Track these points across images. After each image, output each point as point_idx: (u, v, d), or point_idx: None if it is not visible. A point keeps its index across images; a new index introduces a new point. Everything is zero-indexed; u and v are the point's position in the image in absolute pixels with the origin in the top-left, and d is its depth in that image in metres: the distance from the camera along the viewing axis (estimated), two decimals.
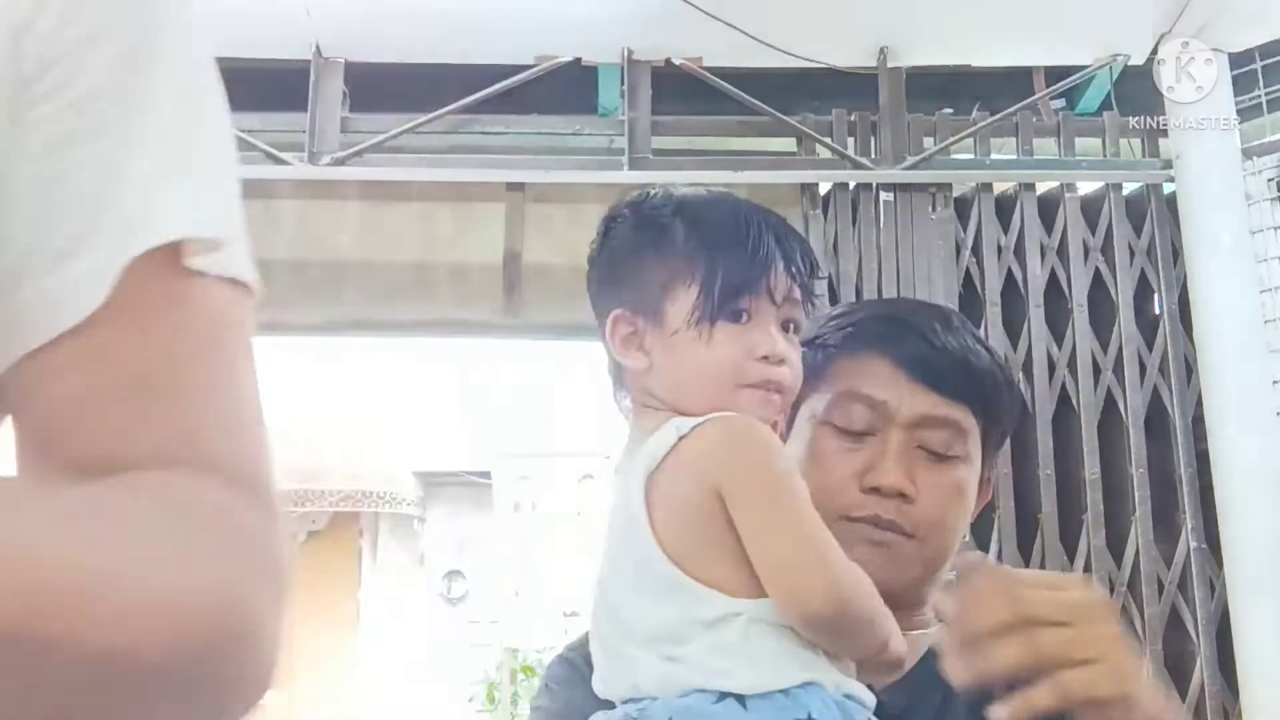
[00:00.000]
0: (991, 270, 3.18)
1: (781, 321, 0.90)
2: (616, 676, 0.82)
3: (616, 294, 0.93)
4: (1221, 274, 3.00)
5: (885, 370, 1.00)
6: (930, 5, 3.09)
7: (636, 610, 0.82)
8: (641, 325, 0.90)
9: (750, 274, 0.88)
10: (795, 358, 0.89)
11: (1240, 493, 2.89)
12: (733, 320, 0.87)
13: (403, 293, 3.30)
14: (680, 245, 0.90)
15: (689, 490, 0.81)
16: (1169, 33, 3.07)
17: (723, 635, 0.77)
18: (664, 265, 0.90)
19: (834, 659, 0.79)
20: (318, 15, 3.06)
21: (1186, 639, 3.00)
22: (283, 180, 3.28)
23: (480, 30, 3.10)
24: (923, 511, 0.97)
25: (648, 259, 0.91)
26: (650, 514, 0.82)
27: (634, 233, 0.94)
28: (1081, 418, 3.09)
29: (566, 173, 3.21)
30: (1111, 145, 3.28)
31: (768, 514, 0.79)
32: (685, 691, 0.76)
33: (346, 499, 9.09)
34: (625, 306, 0.91)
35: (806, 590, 0.76)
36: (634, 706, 0.79)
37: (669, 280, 0.89)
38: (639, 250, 0.92)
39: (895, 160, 3.19)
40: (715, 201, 0.95)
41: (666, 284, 0.89)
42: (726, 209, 0.93)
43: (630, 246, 0.94)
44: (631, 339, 0.91)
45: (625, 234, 0.95)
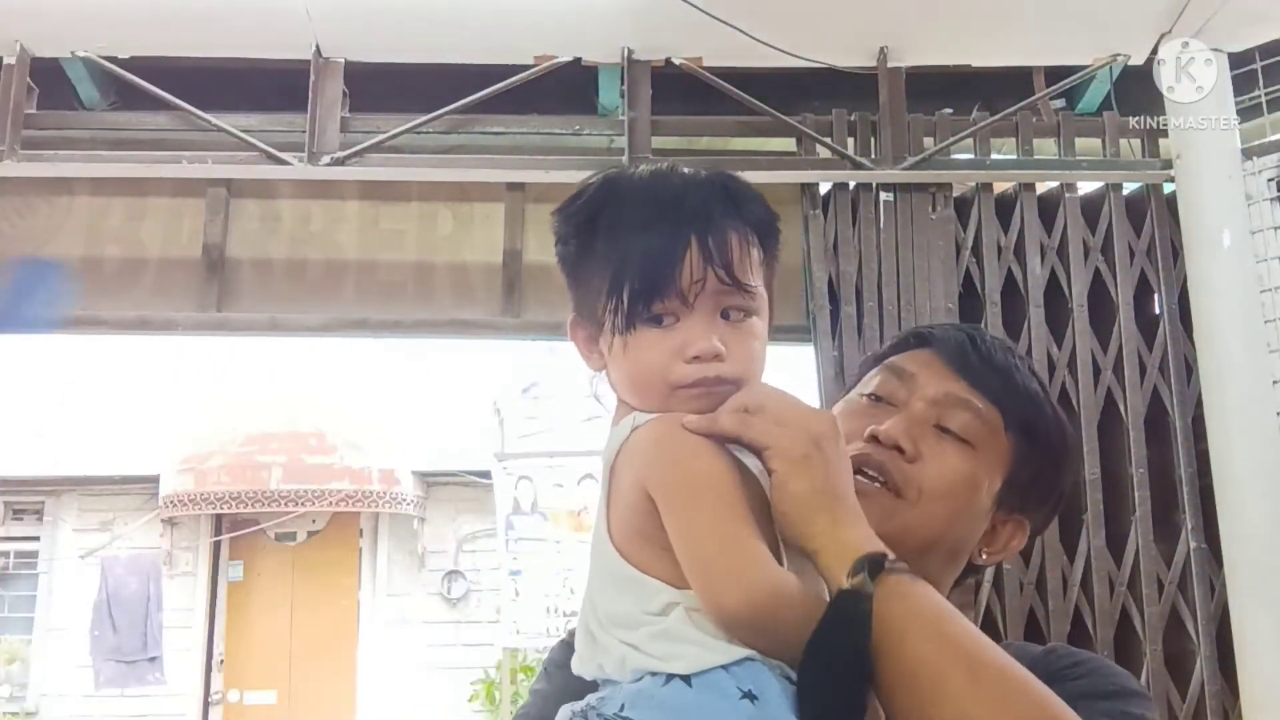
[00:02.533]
0: (991, 270, 3.18)
1: (720, 310, 0.84)
2: (589, 657, 0.85)
3: (571, 295, 0.90)
4: (1221, 274, 3.00)
5: (925, 357, 1.03)
6: (930, 5, 3.09)
7: (601, 595, 0.85)
8: (588, 329, 0.88)
9: (659, 274, 0.81)
10: (739, 345, 0.84)
11: (1240, 493, 2.89)
12: (654, 325, 0.83)
13: (403, 293, 3.30)
14: (599, 247, 0.85)
15: (630, 487, 0.82)
16: (1169, 33, 3.07)
17: (666, 622, 0.79)
18: (591, 269, 0.86)
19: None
20: (318, 15, 3.06)
21: (1186, 639, 3.00)
22: (283, 180, 3.28)
23: (480, 30, 3.10)
24: (919, 474, 0.95)
25: (581, 261, 0.88)
26: (609, 505, 0.84)
27: (573, 231, 0.89)
28: (1081, 418, 3.09)
29: (566, 173, 3.21)
30: (1111, 145, 3.28)
31: (686, 515, 0.79)
32: (639, 674, 0.79)
33: (346, 499, 9.09)
34: (575, 310, 0.90)
35: (720, 591, 0.76)
36: (595, 696, 0.82)
37: (596, 285, 0.85)
38: (576, 252, 0.88)
39: (895, 160, 3.19)
40: (638, 186, 0.87)
41: (595, 289, 0.85)
42: (644, 195, 0.86)
43: (569, 248, 0.89)
44: (585, 341, 0.90)
45: (566, 231, 0.89)
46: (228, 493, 8.94)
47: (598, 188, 0.88)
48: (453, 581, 9.52)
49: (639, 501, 0.81)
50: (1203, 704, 2.93)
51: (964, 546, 1.00)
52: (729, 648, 0.77)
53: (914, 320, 3.10)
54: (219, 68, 3.24)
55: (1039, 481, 1.02)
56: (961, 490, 0.97)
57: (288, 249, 3.33)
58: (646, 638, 0.80)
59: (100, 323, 3.33)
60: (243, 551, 9.72)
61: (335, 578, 9.70)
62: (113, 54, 3.16)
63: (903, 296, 3.12)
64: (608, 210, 0.86)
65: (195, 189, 3.30)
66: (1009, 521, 1.02)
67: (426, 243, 3.34)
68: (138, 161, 3.22)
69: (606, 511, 0.85)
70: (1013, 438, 1.00)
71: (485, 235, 3.32)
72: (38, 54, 3.20)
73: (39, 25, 3.11)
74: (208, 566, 9.59)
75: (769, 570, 0.77)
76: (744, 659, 0.77)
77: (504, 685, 7.90)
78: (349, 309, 3.29)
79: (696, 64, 3.19)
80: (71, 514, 9.56)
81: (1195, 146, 3.06)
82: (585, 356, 0.90)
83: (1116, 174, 3.25)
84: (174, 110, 3.20)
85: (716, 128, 3.39)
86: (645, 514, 0.81)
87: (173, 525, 9.49)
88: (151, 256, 3.30)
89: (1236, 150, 3.04)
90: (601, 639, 0.83)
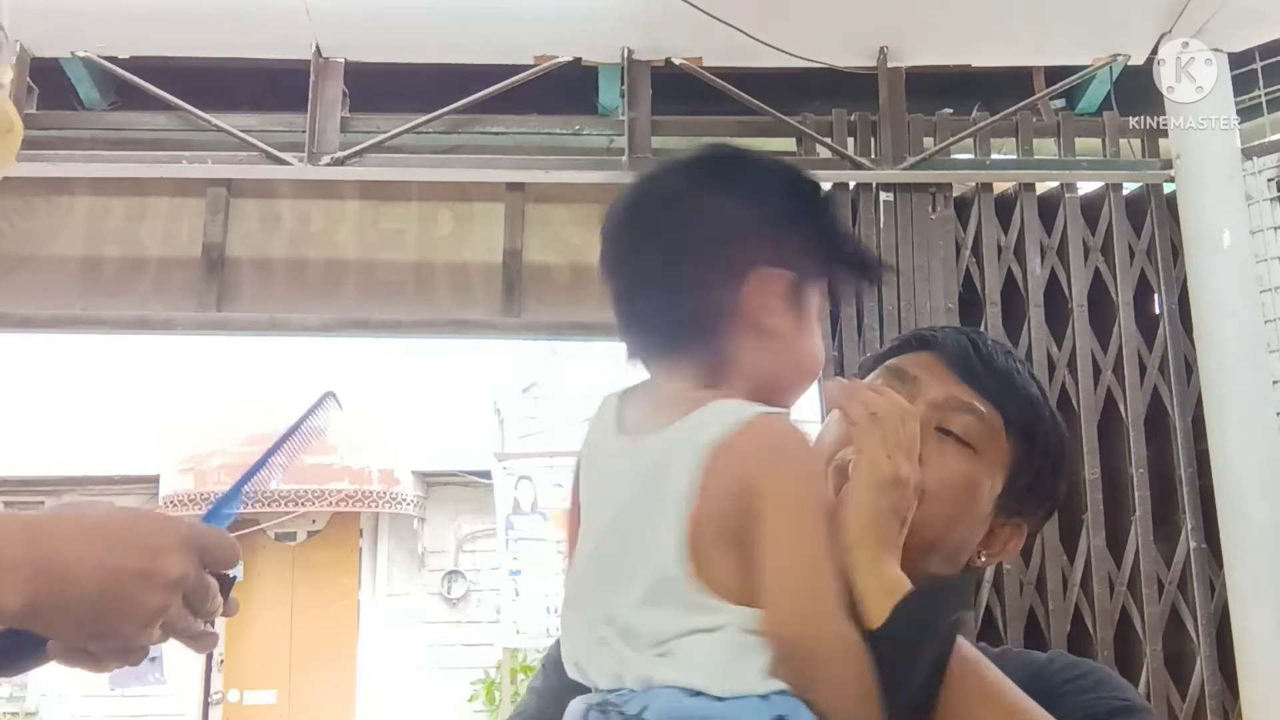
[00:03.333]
0: (991, 270, 3.18)
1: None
2: (600, 665, 0.80)
3: (758, 249, 0.83)
4: (1221, 274, 3.00)
5: (927, 359, 1.03)
6: (930, 5, 3.09)
7: (627, 599, 0.79)
8: (790, 295, 0.84)
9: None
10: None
11: (1240, 493, 2.89)
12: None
13: (403, 292, 3.30)
14: (827, 229, 0.88)
15: (731, 481, 0.76)
16: (1169, 33, 3.07)
17: (710, 638, 0.76)
18: (814, 238, 0.86)
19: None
20: (318, 15, 3.06)
21: (1186, 639, 3.00)
22: (283, 180, 3.29)
23: (480, 30, 3.10)
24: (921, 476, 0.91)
25: (796, 223, 0.86)
26: (693, 496, 0.76)
27: (774, 188, 0.87)
28: (1081, 418, 3.09)
29: (566, 173, 3.21)
30: (1111, 145, 3.28)
31: (796, 536, 0.75)
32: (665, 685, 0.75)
33: (346, 499, 9.09)
34: (788, 267, 0.83)
35: (793, 622, 0.74)
36: (613, 693, 0.77)
37: (818, 258, 0.86)
38: (789, 212, 0.86)
39: (895, 160, 3.19)
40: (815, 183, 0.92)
41: (815, 260, 0.86)
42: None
43: (775, 203, 0.86)
44: (783, 297, 0.83)
45: (758, 186, 0.86)
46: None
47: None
48: (453, 581, 9.52)
49: (733, 500, 0.76)
50: (1203, 704, 2.93)
51: (964, 548, 1.00)
52: (769, 679, 0.75)
53: (914, 320, 3.10)
54: (219, 68, 3.24)
55: (1037, 485, 1.02)
56: (963, 493, 0.96)
57: (288, 249, 3.33)
58: (682, 650, 0.76)
59: (100, 323, 3.33)
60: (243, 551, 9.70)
61: (335, 578, 9.70)
62: (113, 54, 3.16)
63: (903, 296, 3.12)
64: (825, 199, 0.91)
65: (195, 189, 3.31)
66: (1007, 525, 1.02)
67: (426, 243, 3.34)
68: (138, 161, 3.22)
69: (684, 504, 0.77)
70: (1013, 441, 1.00)
71: (485, 235, 3.32)
72: (38, 54, 3.20)
73: (39, 25, 3.11)
74: None
75: (845, 623, 0.76)
76: (782, 690, 0.74)
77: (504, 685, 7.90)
78: (349, 309, 3.29)
79: (696, 64, 3.19)
80: None
81: (1195, 146, 3.06)
82: (761, 318, 0.82)
83: (1116, 174, 3.25)
84: (174, 110, 3.20)
85: (716, 128, 3.38)
86: (734, 515, 0.76)
87: None
88: (151, 256, 3.30)
89: (1236, 150, 3.03)
90: (617, 647, 0.79)
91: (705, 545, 0.76)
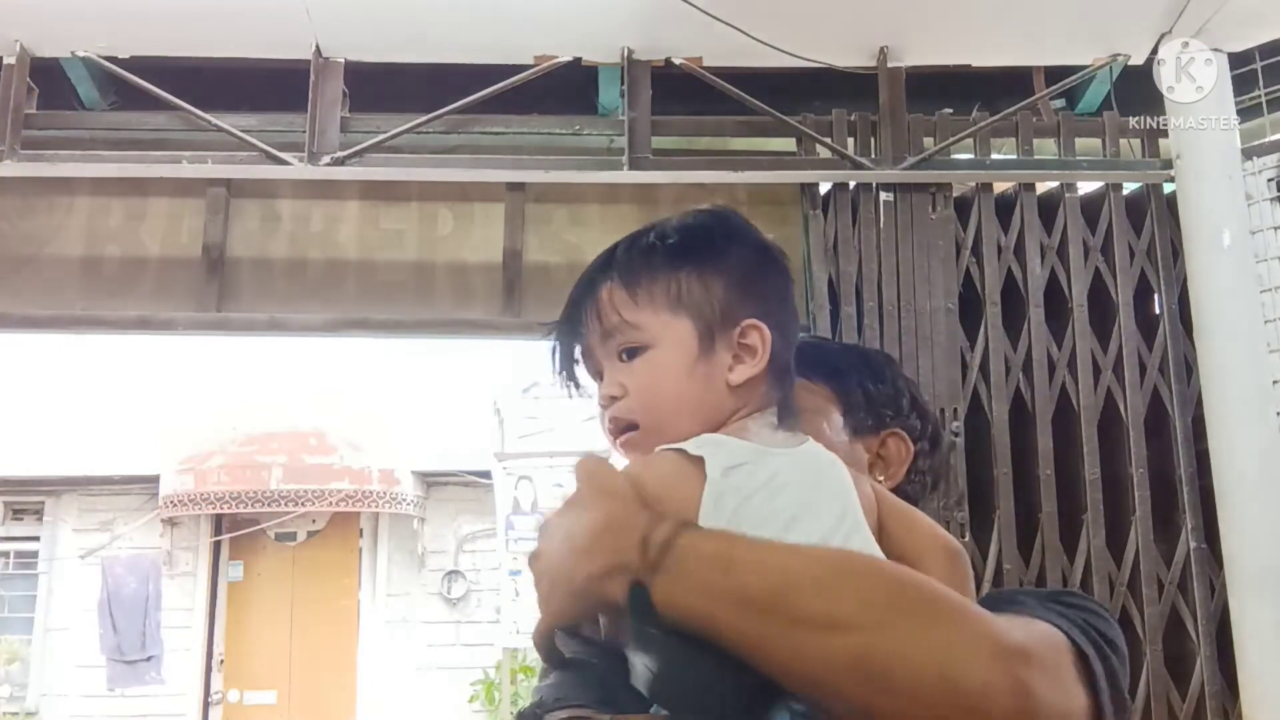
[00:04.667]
0: (991, 270, 3.18)
1: (617, 353, 0.90)
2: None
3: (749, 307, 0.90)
4: (1221, 274, 3.00)
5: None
6: (930, 5, 3.09)
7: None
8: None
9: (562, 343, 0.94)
10: (632, 381, 0.89)
11: (1240, 493, 2.89)
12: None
13: (403, 293, 3.30)
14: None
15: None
16: (1169, 33, 3.07)
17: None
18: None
19: None
20: (318, 15, 3.06)
21: (1186, 639, 3.00)
22: (283, 180, 3.28)
23: (480, 30, 3.10)
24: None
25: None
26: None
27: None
28: (1081, 418, 3.09)
29: (566, 173, 3.21)
30: (1111, 145, 3.28)
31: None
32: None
33: (346, 499, 9.09)
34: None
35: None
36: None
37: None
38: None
39: (895, 160, 3.19)
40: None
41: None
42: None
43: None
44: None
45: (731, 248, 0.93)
46: (228, 493, 8.94)
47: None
48: (453, 581, 9.52)
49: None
50: (1203, 704, 2.93)
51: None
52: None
53: (914, 320, 3.10)
54: (219, 68, 3.24)
55: (870, 394, 1.16)
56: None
57: (288, 249, 3.33)
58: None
59: (100, 323, 3.33)
60: (243, 551, 9.72)
61: (335, 578, 9.71)
62: (113, 54, 3.16)
63: (903, 296, 3.12)
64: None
65: (195, 189, 3.30)
66: (886, 440, 1.15)
67: (426, 243, 3.34)
68: (138, 161, 3.21)
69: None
70: (824, 381, 1.14)
71: (485, 235, 3.32)
72: (38, 54, 3.20)
73: (39, 25, 3.12)
74: (208, 566, 9.59)
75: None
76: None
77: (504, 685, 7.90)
78: (349, 309, 3.29)
79: (696, 64, 3.19)
80: (71, 514, 9.56)
81: (1195, 146, 3.06)
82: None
83: (1116, 174, 3.25)
84: (174, 110, 3.20)
85: (716, 128, 3.39)
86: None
87: (173, 525, 9.49)
88: (151, 256, 3.30)
89: (1236, 150, 3.04)
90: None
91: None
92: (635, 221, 1.03)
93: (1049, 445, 3.07)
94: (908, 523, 0.92)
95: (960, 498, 2.97)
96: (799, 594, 0.72)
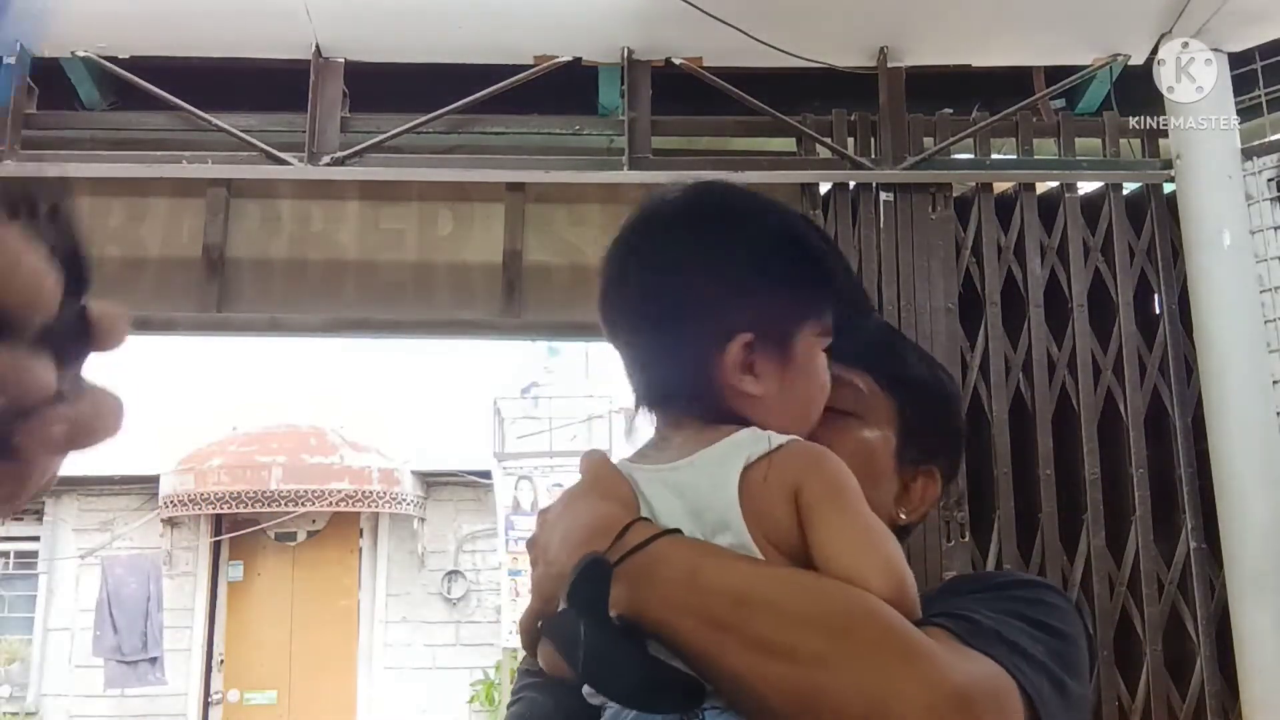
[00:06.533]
0: (991, 270, 3.18)
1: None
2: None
3: (738, 314, 0.85)
4: (1221, 274, 3.00)
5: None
6: (930, 5, 3.09)
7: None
8: (761, 352, 0.85)
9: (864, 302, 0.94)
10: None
11: (1240, 493, 2.89)
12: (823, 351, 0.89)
13: (403, 293, 3.30)
14: (811, 267, 0.88)
15: (776, 492, 0.80)
16: (1169, 33, 3.07)
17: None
18: (794, 288, 0.87)
19: None
20: (318, 15, 3.06)
21: (1186, 639, 3.00)
22: (283, 180, 3.29)
23: (480, 30, 3.10)
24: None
25: (774, 277, 0.86)
26: (742, 507, 0.80)
27: (758, 245, 0.86)
28: (1081, 418, 3.09)
29: (566, 173, 3.21)
30: (1111, 145, 3.28)
31: (863, 515, 0.80)
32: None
33: (346, 499, 9.10)
34: (752, 330, 0.84)
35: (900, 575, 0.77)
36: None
37: (802, 306, 0.87)
38: (764, 268, 0.86)
39: (895, 160, 3.19)
40: (791, 212, 0.93)
41: (799, 310, 0.86)
42: (803, 220, 0.93)
43: (750, 261, 0.86)
44: (750, 364, 0.85)
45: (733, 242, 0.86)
46: (228, 493, 8.94)
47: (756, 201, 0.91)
48: (453, 581, 9.52)
49: (782, 508, 0.79)
50: (1203, 704, 2.93)
51: (880, 511, 1.00)
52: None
53: (914, 320, 3.10)
54: (219, 68, 3.24)
55: (929, 425, 1.05)
56: (863, 462, 0.96)
57: (288, 249, 3.33)
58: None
59: None
60: (243, 551, 9.72)
61: (335, 578, 9.71)
62: (113, 54, 3.16)
63: (903, 296, 3.12)
64: (800, 230, 0.90)
65: (195, 189, 3.30)
66: (918, 475, 1.05)
67: (426, 243, 3.34)
68: (138, 161, 3.21)
69: (740, 513, 0.81)
70: (891, 394, 1.03)
71: (485, 235, 3.32)
72: (38, 54, 3.20)
73: (39, 25, 3.12)
74: (208, 566, 9.60)
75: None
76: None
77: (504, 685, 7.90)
78: (349, 309, 3.29)
79: (696, 64, 3.19)
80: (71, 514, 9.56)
81: (1195, 146, 3.06)
82: (747, 382, 0.84)
83: (1116, 174, 3.25)
84: (174, 110, 3.20)
85: (716, 128, 3.39)
86: (786, 520, 0.79)
87: (173, 525, 9.49)
88: (151, 256, 3.30)
89: (1236, 150, 3.04)
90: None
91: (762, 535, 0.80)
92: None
93: (1049, 445, 3.07)
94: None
95: (960, 498, 2.97)
96: (754, 616, 0.73)
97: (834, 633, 0.72)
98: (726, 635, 0.73)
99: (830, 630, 0.72)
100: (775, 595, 0.74)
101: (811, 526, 0.78)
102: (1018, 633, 0.83)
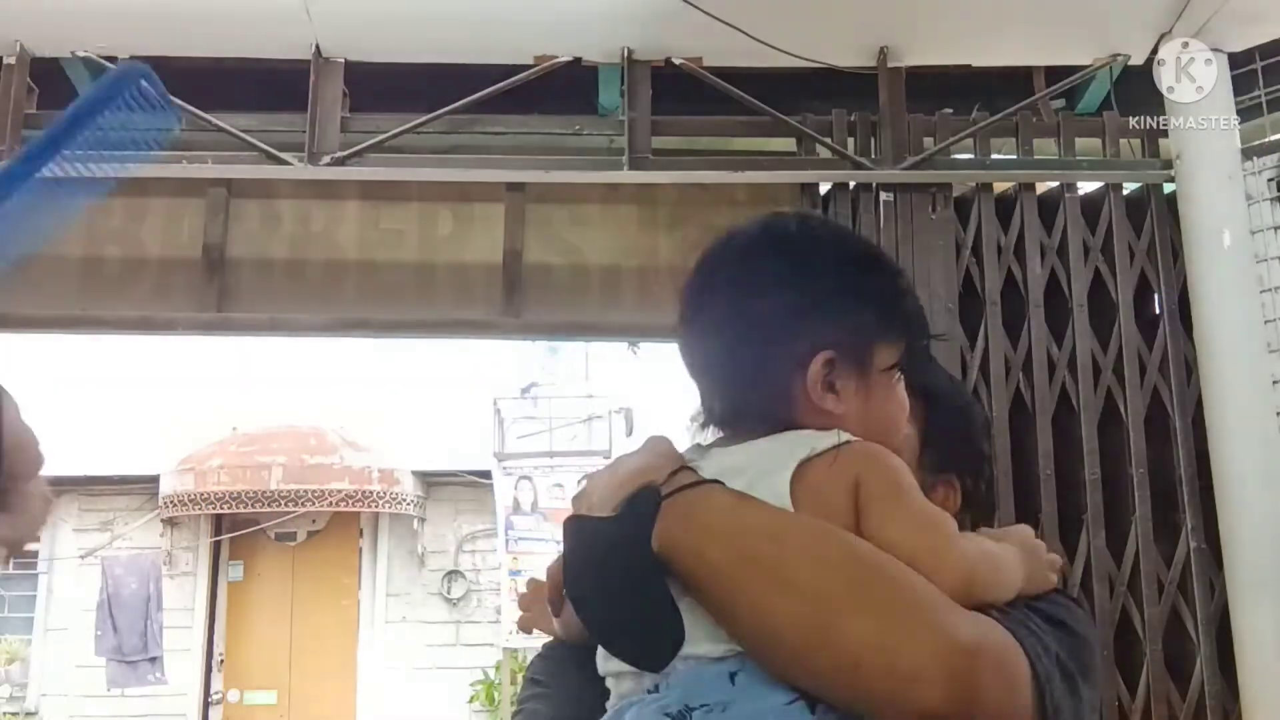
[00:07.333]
0: (991, 270, 3.18)
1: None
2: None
3: (818, 333, 0.87)
4: (1221, 274, 3.00)
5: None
6: (930, 5, 3.10)
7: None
8: (842, 369, 0.87)
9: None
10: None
11: (1240, 493, 2.89)
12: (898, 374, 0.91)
13: (403, 293, 3.30)
14: (886, 288, 0.91)
15: (836, 488, 0.82)
16: (1169, 33, 3.07)
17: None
18: (871, 308, 0.89)
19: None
20: (318, 15, 3.06)
21: (1186, 639, 3.00)
22: (283, 180, 3.28)
23: (480, 30, 3.10)
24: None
25: (852, 297, 0.89)
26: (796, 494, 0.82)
27: (836, 268, 0.90)
28: (1081, 418, 3.09)
29: (566, 173, 3.21)
30: (1111, 145, 3.28)
31: (921, 504, 0.83)
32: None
33: (346, 499, 9.09)
34: (833, 349, 0.86)
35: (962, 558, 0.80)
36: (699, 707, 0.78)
37: (879, 326, 0.89)
38: (842, 288, 0.89)
39: (895, 160, 3.19)
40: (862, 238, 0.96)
41: (875, 330, 0.88)
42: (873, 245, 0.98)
43: (829, 281, 0.89)
44: (831, 382, 0.86)
45: (811, 263, 0.90)
46: (228, 493, 8.94)
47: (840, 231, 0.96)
48: (453, 581, 9.52)
49: (842, 502, 0.81)
50: (1203, 704, 2.93)
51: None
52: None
53: None
54: (219, 68, 3.24)
55: (952, 437, 1.08)
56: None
57: (288, 249, 3.33)
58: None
59: (100, 323, 3.33)
60: (243, 551, 9.72)
61: (335, 578, 9.70)
62: (113, 54, 3.16)
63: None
64: (875, 257, 0.95)
65: (195, 189, 3.30)
66: (938, 484, 1.07)
67: (426, 243, 3.34)
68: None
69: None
70: (915, 397, 1.03)
71: (485, 235, 3.32)
72: (38, 54, 3.20)
73: (39, 25, 3.12)
74: (208, 566, 9.59)
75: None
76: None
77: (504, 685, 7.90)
78: (349, 309, 3.29)
79: (696, 64, 3.19)
80: (71, 514, 9.56)
81: (1195, 146, 3.06)
82: (821, 398, 0.86)
83: (1116, 174, 3.25)
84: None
85: (717, 128, 3.39)
86: (844, 511, 0.81)
87: (173, 525, 9.49)
88: (151, 256, 3.30)
89: (1236, 150, 3.04)
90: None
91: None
92: (635, 221, 1.03)
93: (1049, 445, 3.07)
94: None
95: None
96: (782, 553, 0.77)
97: (856, 580, 0.75)
98: (753, 568, 0.76)
99: (852, 578, 0.75)
100: (805, 539, 0.77)
101: (869, 517, 0.81)
102: (1034, 624, 0.84)
